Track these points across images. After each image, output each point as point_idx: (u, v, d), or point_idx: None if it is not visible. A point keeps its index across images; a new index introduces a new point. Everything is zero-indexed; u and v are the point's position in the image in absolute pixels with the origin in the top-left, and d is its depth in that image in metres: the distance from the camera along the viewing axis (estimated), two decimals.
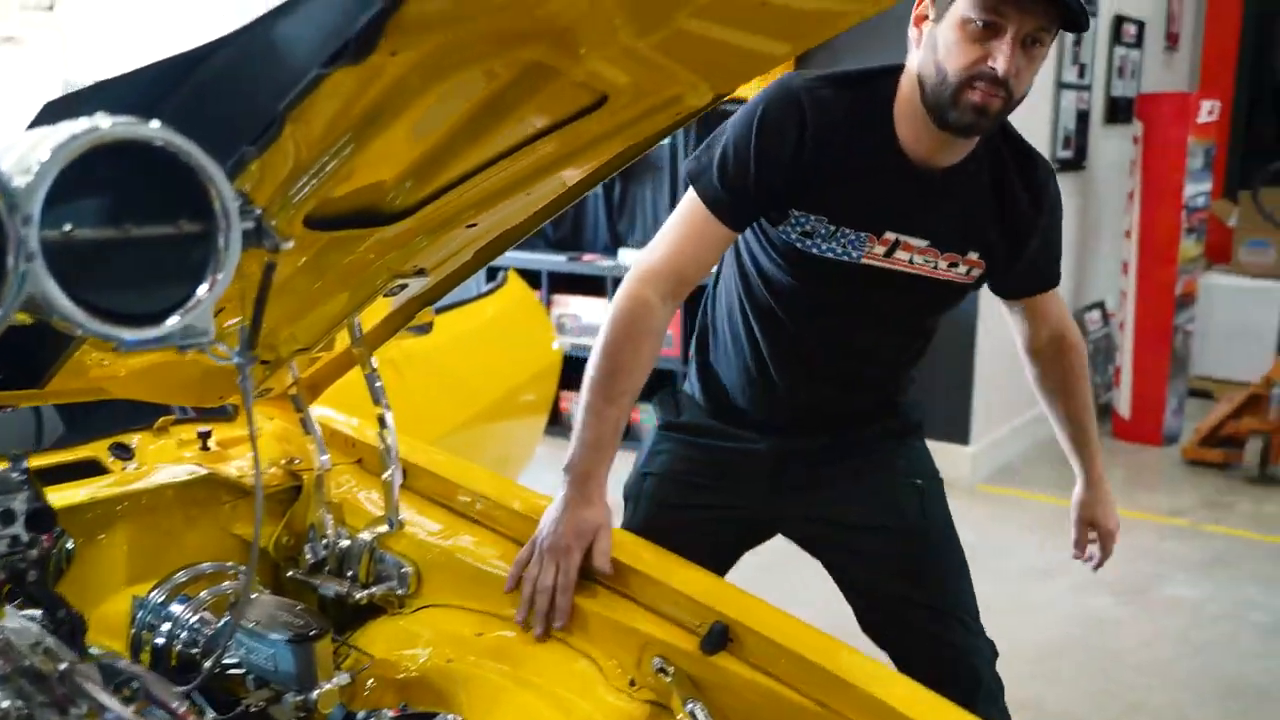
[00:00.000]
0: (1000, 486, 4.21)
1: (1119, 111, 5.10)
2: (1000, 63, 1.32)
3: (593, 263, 4.73)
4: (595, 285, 4.66)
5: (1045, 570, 3.26)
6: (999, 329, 4.24)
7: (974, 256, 1.52)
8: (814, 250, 1.49)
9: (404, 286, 1.30)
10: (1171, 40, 5.88)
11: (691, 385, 1.73)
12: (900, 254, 1.49)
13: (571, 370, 4.60)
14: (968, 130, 1.39)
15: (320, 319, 1.34)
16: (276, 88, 0.83)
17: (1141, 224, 4.73)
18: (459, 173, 1.05)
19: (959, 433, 4.19)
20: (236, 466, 1.56)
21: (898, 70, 1.46)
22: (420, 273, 1.27)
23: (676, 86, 0.95)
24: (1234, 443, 4.42)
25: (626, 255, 4.69)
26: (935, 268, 1.51)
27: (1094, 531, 1.77)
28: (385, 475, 1.45)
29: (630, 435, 4.80)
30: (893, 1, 0.87)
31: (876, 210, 1.47)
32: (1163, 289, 4.72)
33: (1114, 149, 5.05)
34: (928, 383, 4.46)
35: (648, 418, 4.63)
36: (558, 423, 4.86)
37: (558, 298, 4.79)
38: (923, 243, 1.49)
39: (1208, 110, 4.65)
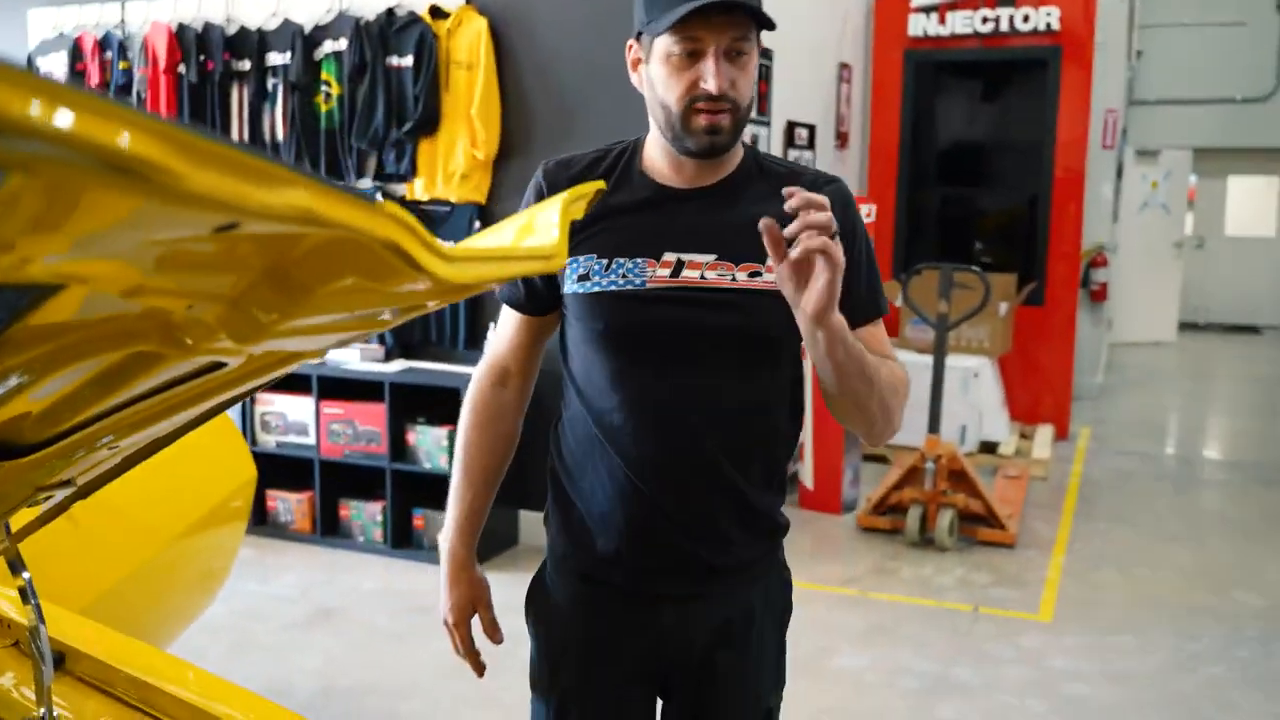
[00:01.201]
0: None
1: None
2: (711, 82, 1.38)
3: None
4: (301, 383, 4.63)
5: None
6: None
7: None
8: (596, 289, 1.48)
9: (50, 496, 1.33)
10: (842, 140, 6.51)
11: (555, 545, 1.66)
12: (689, 272, 1.46)
13: (280, 469, 4.60)
14: (710, 151, 1.44)
15: None
16: None
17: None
18: (91, 414, 1.12)
19: None
20: None
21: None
22: (67, 483, 1.31)
23: (288, 352, 1.06)
24: (900, 510, 4.92)
25: (332, 352, 4.69)
26: (734, 279, 1.46)
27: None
28: (37, 665, 1.45)
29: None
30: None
31: (645, 236, 1.48)
32: None
33: None
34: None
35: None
36: (265, 522, 4.80)
37: (262, 395, 4.72)
38: (709, 257, 1.46)
39: (866, 213, 5.19)
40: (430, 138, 4.46)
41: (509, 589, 1.94)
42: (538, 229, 0.92)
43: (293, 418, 4.68)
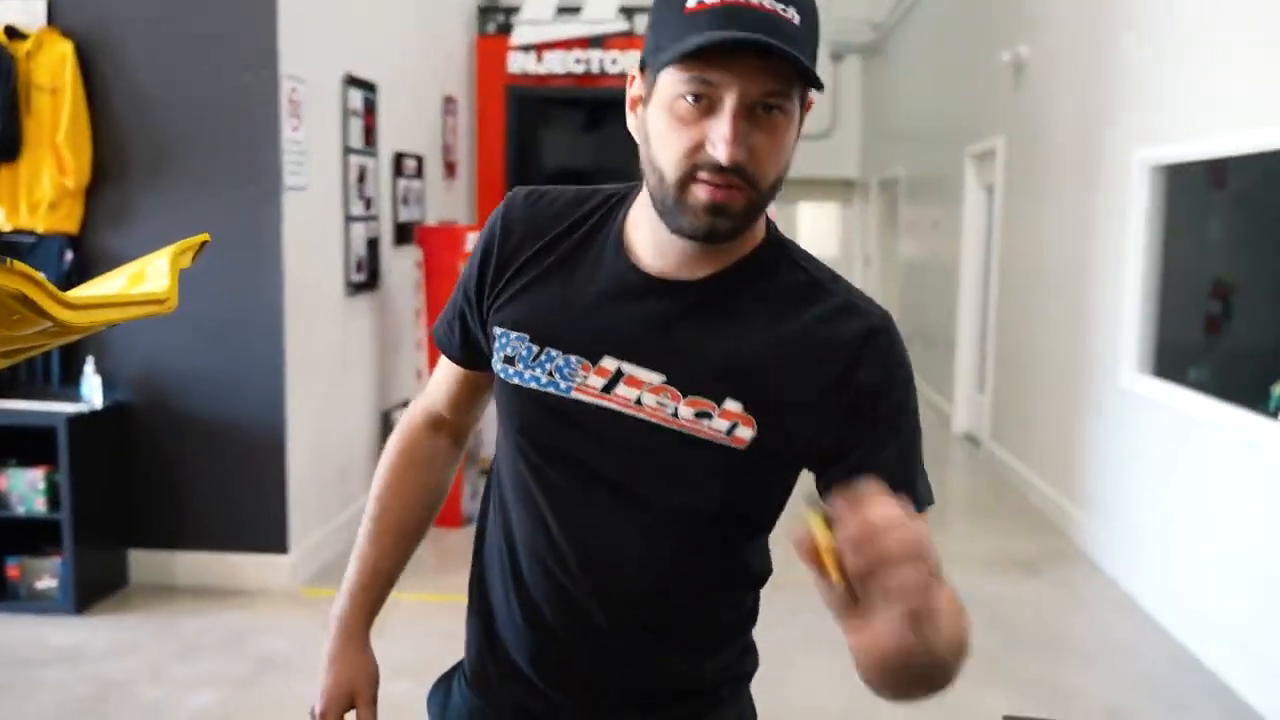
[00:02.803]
0: (322, 588, 4.55)
1: (407, 235, 5.78)
2: (721, 148, 0.98)
3: None
4: None
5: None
6: (308, 428, 4.59)
7: (734, 407, 1.08)
8: (516, 380, 1.16)
9: None
10: (449, 169, 6.77)
11: (469, 631, 1.36)
12: (624, 390, 1.10)
13: None
14: (709, 237, 1.04)
15: None
16: None
17: (430, 336, 5.42)
18: None
19: (276, 542, 4.46)
20: None
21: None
22: None
23: None
24: None
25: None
26: (675, 414, 1.09)
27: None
28: None
29: None
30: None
31: (592, 330, 1.12)
32: None
33: (405, 268, 5.72)
34: (239, 495, 4.65)
35: None
36: None
37: None
38: (656, 378, 1.09)
39: (473, 241, 5.47)
40: (11, 165, 4.21)
41: (117, 630, 1.96)
42: (150, 276, 1.06)
43: None
